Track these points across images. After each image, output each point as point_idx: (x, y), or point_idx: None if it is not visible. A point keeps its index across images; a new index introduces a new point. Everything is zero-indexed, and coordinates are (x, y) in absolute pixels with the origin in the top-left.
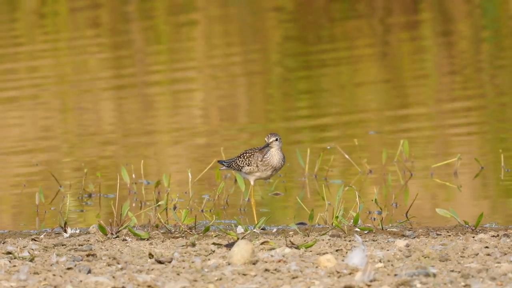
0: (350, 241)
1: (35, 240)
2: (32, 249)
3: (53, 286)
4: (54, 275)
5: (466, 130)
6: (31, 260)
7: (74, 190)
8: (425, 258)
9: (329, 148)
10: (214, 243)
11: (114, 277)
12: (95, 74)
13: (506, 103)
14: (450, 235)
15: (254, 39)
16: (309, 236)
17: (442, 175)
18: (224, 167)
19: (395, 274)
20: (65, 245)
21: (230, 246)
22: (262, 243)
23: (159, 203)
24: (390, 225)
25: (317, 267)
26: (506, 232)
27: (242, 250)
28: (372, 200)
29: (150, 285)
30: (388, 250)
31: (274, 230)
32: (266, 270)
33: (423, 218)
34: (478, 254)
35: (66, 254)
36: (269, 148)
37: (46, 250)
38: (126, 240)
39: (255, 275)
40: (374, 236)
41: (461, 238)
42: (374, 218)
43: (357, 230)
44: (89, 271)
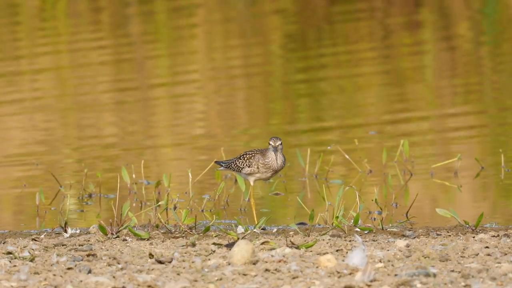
0: (350, 241)
1: (36, 240)
2: (32, 249)
3: (53, 286)
4: (54, 275)
5: (466, 130)
6: (32, 260)
7: (74, 190)
8: (425, 258)
9: (329, 148)
10: (214, 243)
11: (114, 277)
12: (95, 78)
13: (507, 103)
14: (450, 235)
15: (255, 41)
16: (309, 236)
17: (442, 175)
18: (222, 168)
19: (395, 274)
20: (65, 245)
21: (230, 246)
22: (263, 243)
23: (160, 203)
24: (390, 225)
25: (317, 267)
26: (506, 232)
27: (242, 250)
28: (372, 200)
29: (150, 285)
30: (388, 250)
31: (275, 230)
32: (267, 270)
33: (423, 218)
34: (478, 254)
35: (66, 254)
36: (276, 151)
37: (47, 250)
38: (126, 240)
39: (256, 275)
40: (374, 236)
41: (461, 238)
42: (374, 218)
43: (357, 230)
44: (89, 271)
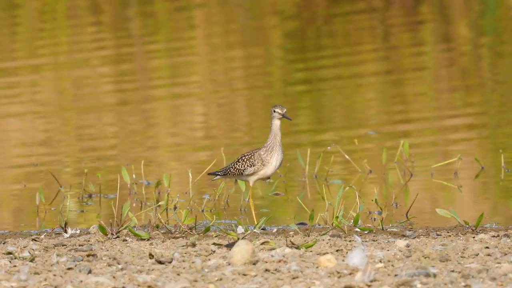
0: (350, 241)
1: (36, 240)
2: (32, 249)
3: (53, 286)
4: (54, 275)
5: (466, 130)
6: (32, 260)
7: (74, 190)
8: (425, 258)
9: (329, 148)
10: (214, 243)
11: (114, 277)
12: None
13: (507, 103)
14: (450, 235)
15: (255, 41)
16: (309, 236)
17: (442, 175)
18: (218, 177)
19: (395, 274)
20: (65, 245)
21: (230, 246)
22: (263, 243)
23: (160, 204)
24: (390, 225)
25: (317, 267)
26: (506, 232)
27: (242, 250)
28: (372, 200)
29: (151, 285)
30: (388, 250)
31: (275, 230)
32: (267, 270)
33: (423, 218)
34: (478, 254)
35: (66, 254)
36: (281, 118)
37: (47, 250)
38: (126, 240)
39: (256, 275)
40: (374, 236)
41: (461, 238)
42: (374, 218)
43: (357, 230)
44: (89, 271)
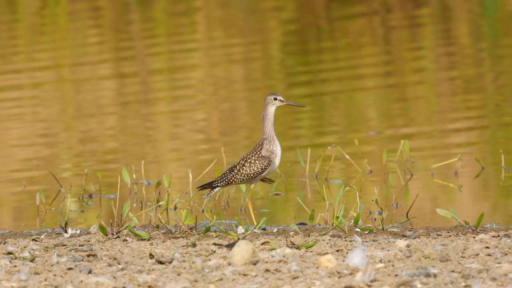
0: (350, 241)
1: (36, 240)
2: (32, 249)
3: (53, 286)
4: (54, 275)
5: (467, 131)
6: (32, 260)
7: (74, 190)
8: (425, 258)
9: (329, 148)
10: (214, 244)
11: (114, 277)
12: (96, 79)
13: (507, 103)
14: (450, 236)
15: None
16: (309, 236)
17: (443, 176)
18: (218, 189)
19: (396, 275)
20: (65, 245)
21: (230, 246)
22: (263, 244)
23: (160, 204)
24: (391, 225)
25: (317, 268)
26: (506, 232)
27: (242, 251)
28: (372, 200)
29: (151, 285)
30: (388, 251)
31: (275, 230)
32: (267, 270)
33: (424, 218)
34: (478, 254)
35: (66, 254)
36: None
37: (47, 251)
38: (126, 240)
39: (256, 276)
40: (374, 236)
41: (461, 238)
42: (375, 219)
43: (357, 231)
44: (89, 272)
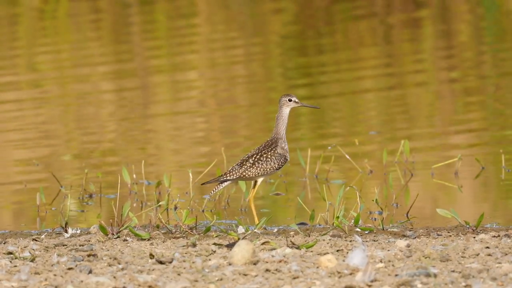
0: (351, 241)
1: (36, 240)
2: (33, 249)
3: (54, 286)
4: (55, 275)
5: (467, 131)
6: (32, 260)
7: (75, 190)
8: (425, 258)
9: (330, 148)
10: (215, 243)
11: (115, 277)
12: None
13: (507, 103)
14: (450, 235)
15: (254, 34)
16: (310, 236)
17: (443, 175)
18: (227, 183)
19: (396, 274)
20: (66, 245)
21: (231, 246)
22: (263, 243)
23: (160, 204)
24: (391, 225)
25: (318, 267)
26: (507, 232)
27: (243, 250)
28: (372, 200)
29: (151, 285)
30: (388, 250)
31: (275, 230)
32: (267, 270)
33: (424, 218)
34: (479, 254)
35: (67, 254)
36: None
37: (47, 250)
38: (127, 240)
39: (256, 275)
40: (374, 236)
41: (461, 238)
42: (375, 218)
43: (357, 230)
44: (90, 271)
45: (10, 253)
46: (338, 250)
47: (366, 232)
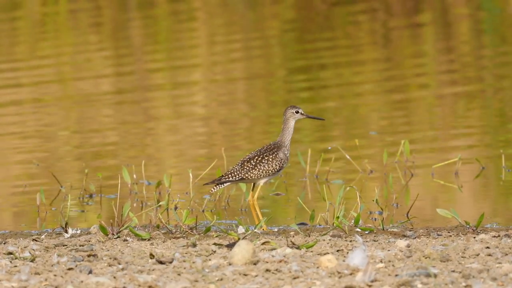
0: (351, 241)
1: (36, 240)
2: (33, 249)
3: (54, 287)
4: (55, 276)
5: (467, 131)
6: (32, 260)
7: (75, 190)
8: (426, 258)
9: (330, 148)
10: (215, 243)
11: (115, 277)
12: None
13: (507, 103)
14: (451, 236)
15: (255, 42)
16: (310, 236)
17: (443, 176)
18: (228, 183)
19: (396, 275)
20: (66, 245)
21: (231, 246)
22: (263, 243)
23: (160, 204)
24: (391, 225)
25: (318, 268)
26: (507, 232)
27: (243, 250)
28: (373, 200)
29: (151, 285)
30: (389, 250)
31: (275, 230)
32: (267, 270)
33: (424, 218)
34: (479, 254)
35: (67, 254)
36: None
37: (47, 251)
38: (127, 240)
39: (256, 275)
40: (375, 236)
41: (462, 238)
42: (375, 219)
43: (358, 231)
44: (90, 272)
45: (10, 253)
46: (338, 250)
47: (366, 232)
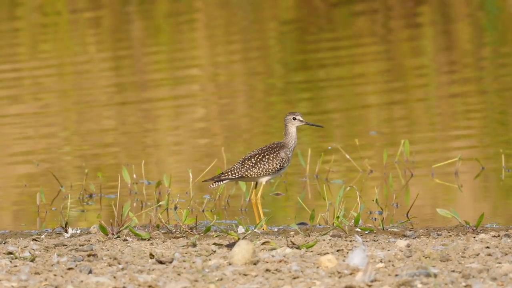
0: (351, 241)
1: (36, 240)
2: (33, 249)
3: (54, 286)
4: (55, 275)
5: (467, 130)
6: (32, 260)
7: (75, 190)
8: (426, 258)
9: (330, 148)
10: (215, 243)
11: (115, 277)
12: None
13: (507, 103)
14: (451, 235)
15: (255, 42)
16: (310, 236)
17: (443, 175)
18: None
19: (396, 274)
20: (66, 245)
21: (231, 246)
22: (263, 243)
23: (160, 203)
24: (391, 225)
25: (318, 267)
26: (507, 232)
27: (243, 250)
28: (373, 200)
29: (151, 285)
30: (389, 250)
31: (275, 230)
32: (267, 270)
33: (424, 218)
34: (479, 254)
35: (67, 254)
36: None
37: (47, 250)
38: (127, 240)
39: (256, 275)
40: (375, 236)
41: (462, 238)
42: (375, 218)
43: (358, 230)
44: (90, 271)
45: (10, 253)
46: (338, 250)
47: (366, 232)
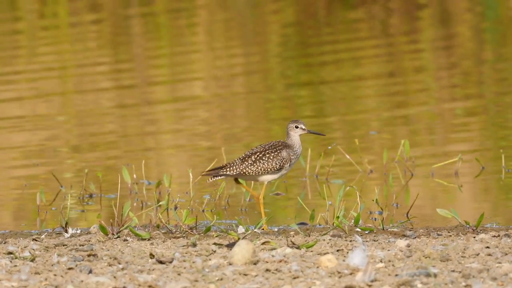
0: (351, 241)
1: (36, 240)
2: (33, 249)
3: (54, 286)
4: (55, 275)
5: (467, 130)
6: (32, 260)
7: (75, 190)
8: (426, 258)
9: (330, 148)
10: (215, 243)
11: (115, 277)
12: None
13: (507, 103)
14: (451, 235)
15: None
16: (310, 236)
17: (443, 175)
18: (223, 176)
19: (396, 274)
20: (66, 245)
21: (231, 246)
22: (263, 243)
23: (160, 203)
24: (391, 225)
25: (318, 267)
26: (507, 232)
27: (243, 250)
28: (373, 200)
29: (151, 285)
30: (389, 250)
31: (275, 230)
32: (267, 270)
33: (424, 218)
34: (479, 254)
35: (67, 254)
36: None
37: (47, 250)
38: (127, 240)
39: (256, 275)
40: (375, 236)
41: (462, 238)
42: (375, 218)
43: (358, 230)
44: (90, 271)
45: (10, 253)
46: (338, 250)
47: (366, 232)
